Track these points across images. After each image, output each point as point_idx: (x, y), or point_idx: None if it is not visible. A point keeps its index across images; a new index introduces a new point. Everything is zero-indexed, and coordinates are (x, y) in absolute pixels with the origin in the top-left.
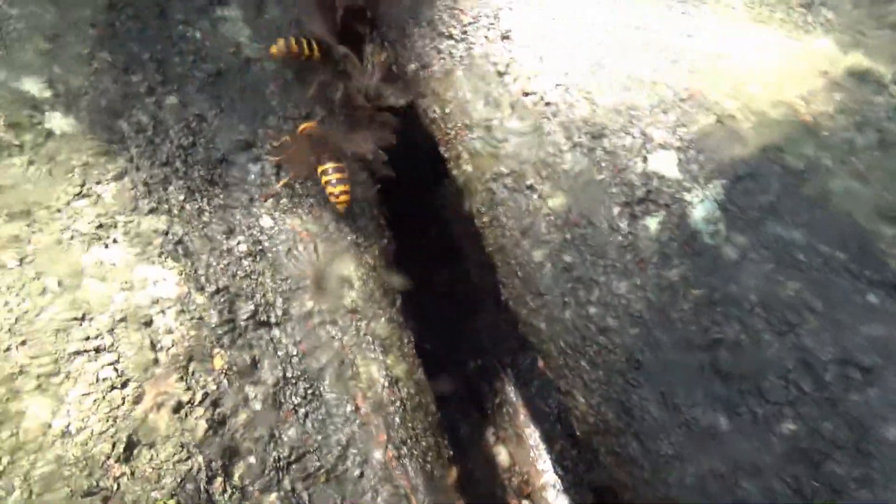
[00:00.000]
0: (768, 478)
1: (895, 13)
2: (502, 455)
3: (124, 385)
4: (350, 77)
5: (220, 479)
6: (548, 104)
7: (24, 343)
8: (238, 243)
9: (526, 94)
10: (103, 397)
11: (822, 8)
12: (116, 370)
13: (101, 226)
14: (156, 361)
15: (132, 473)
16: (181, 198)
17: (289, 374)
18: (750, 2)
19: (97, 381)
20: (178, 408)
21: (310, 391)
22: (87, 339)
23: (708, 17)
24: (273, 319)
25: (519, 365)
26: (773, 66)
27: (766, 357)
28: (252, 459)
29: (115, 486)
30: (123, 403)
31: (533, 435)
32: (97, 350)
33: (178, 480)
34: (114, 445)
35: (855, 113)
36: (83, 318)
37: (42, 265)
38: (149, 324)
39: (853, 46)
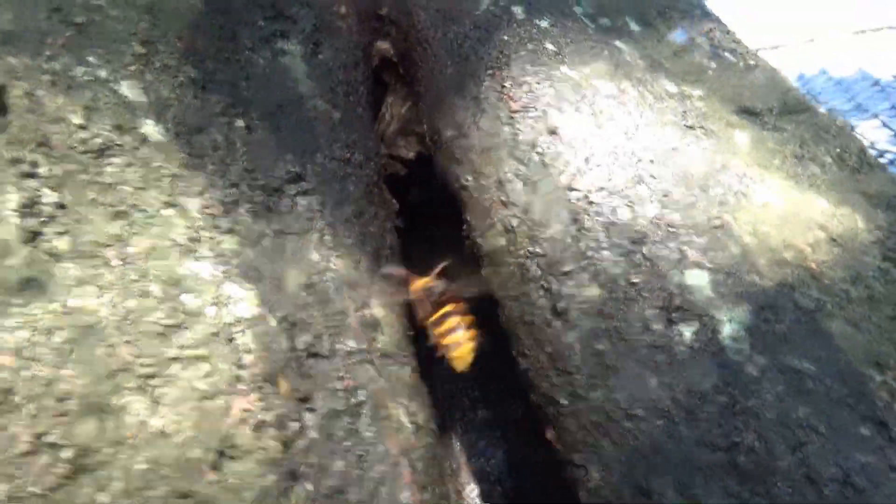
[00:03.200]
0: None
1: (868, 183)
2: None
3: (215, 396)
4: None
5: (284, 500)
6: (591, 202)
7: (128, 342)
8: (294, 274)
9: (571, 189)
10: (197, 405)
11: (810, 163)
12: (209, 381)
13: (192, 238)
14: (239, 378)
15: (219, 482)
16: (249, 221)
17: (336, 408)
18: (753, 144)
19: (192, 389)
20: (258, 426)
21: (351, 426)
22: (183, 347)
23: (733, 154)
24: (324, 352)
25: (469, 422)
26: (781, 211)
27: (778, 466)
28: (308, 485)
29: (208, 493)
30: (213, 414)
31: (472, 493)
32: (196, 359)
33: (256, 495)
34: (205, 452)
35: (850, 268)
36: (181, 326)
37: (143, 269)
38: (231, 340)
39: (840, 204)
